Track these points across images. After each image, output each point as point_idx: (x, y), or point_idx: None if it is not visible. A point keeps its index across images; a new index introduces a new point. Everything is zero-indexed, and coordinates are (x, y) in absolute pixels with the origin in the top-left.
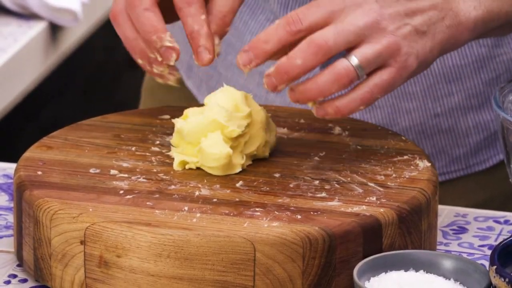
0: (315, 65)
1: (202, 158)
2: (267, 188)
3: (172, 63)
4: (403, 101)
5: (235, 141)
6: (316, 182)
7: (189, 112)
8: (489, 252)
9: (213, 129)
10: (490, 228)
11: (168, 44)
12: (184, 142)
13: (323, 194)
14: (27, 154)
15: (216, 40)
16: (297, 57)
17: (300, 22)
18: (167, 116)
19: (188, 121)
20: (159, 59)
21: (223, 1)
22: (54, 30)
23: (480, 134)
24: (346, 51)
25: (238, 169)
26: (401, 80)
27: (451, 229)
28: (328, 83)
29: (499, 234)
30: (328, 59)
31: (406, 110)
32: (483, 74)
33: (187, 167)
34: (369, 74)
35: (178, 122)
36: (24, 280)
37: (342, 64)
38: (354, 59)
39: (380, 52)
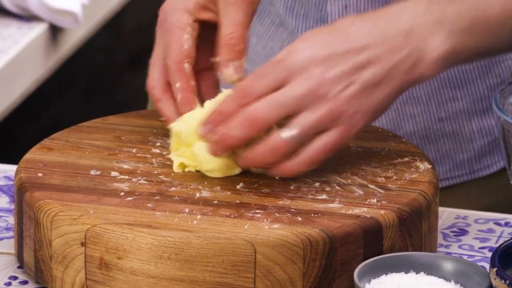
0: (252, 136)
1: (196, 161)
2: (268, 190)
3: None
4: (407, 106)
5: None
6: (317, 184)
7: (186, 114)
8: (489, 254)
9: None
10: (490, 230)
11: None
12: (183, 144)
13: (324, 196)
14: (28, 156)
15: (231, 70)
16: (234, 129)
17: (249, 95)
18: None
19: (184, 123)
20: None
21: (225, 22)
22: (55, 31)
23: (485, 139)
24: (287, 118)
25: (238, 171)
26: (349, 138)
27: (451, 231)
28: (266, 154)
29: (499, 236)
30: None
31: (411, 114)
32: (488, 79)
33: (186, 170)
34: (315, 135)
35: (175, 125)
36: (24, 282)
37: (278, 137)
38: (289, 131)
39: (319, 120)
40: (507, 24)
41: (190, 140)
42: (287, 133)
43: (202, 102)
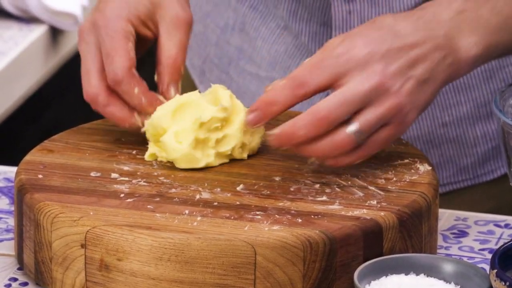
0: (318, 134)
1: (164, 150)
2: (268, 192)
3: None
4: None
5: (204, 134)
6: (317, 185)
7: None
8: (489, 256)
9: (182, 115)
10: (490, 232)
11: (141, 125)
12: (157, 134)
13: (324, 198)
14: (28, 157)
15: (172, 92)
16: (301, 127)
17: (306, 85)
18: None
19: (158, 109)
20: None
21: (168, 44)
22: (55, 33)
23: (488, 144)
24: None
25: (202, 164)
26: (400, 134)
27: (451, 233)
28: (327, 150)
29: (499, 238)
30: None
31: None
32: (492, 84)
33: (158, 159)
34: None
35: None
36: (24, 284)
37: (342, 134)
38: (355, 127)
39: (383, 115)
40: None
41: (160, 131)
42: (353, 129)
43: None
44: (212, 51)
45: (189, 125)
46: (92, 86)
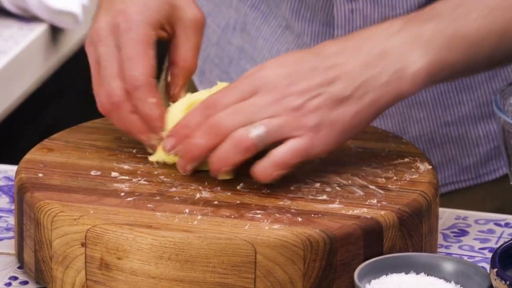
0: (216, 143)
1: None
2: (268, 191)
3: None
4: (413, 110)
5: None
6: (317, 184)
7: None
8: (489, 255)
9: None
10: (490, 231)
11: (154, 142)
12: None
13: (324, 197)
14: (28, 156)
15: (183, 95)
16: (197, 137)
17: (215, 106)
18: None
19: (171, 107)
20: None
21: (186, 46)
22: (55, 32)
23: (490, 144)
24: None
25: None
26: (316, 148)
27: (451, 232)
28: (228, 151)
29: (499, 237)
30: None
31: (416, 119)
32: (494, 83)
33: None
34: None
35: None
36: (25, 282)
37: (239, 132)
38: (254, 128)
39: (283, 124)
40: (486, 41)
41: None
42: (252, 129)
43: None
44: (212, 51)
45: None
46: (118, 90)
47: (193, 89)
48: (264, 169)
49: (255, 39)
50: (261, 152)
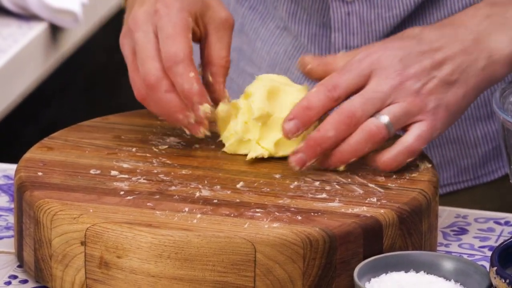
0: (347, 135)
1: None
2: (268, 189)
3: (201, 136)
4: None
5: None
6: (317, 183)
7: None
8: (489, 253)
9: (275, 99)
10: (490, 229)
11: (192, 121)
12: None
13: (324, 195)
14: (28, 155)
15: (227, 92)
16: (329, 129)
17: (338, 87)
18: None
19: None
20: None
21: (219, 45)
22: (54, 31)
23: (489, 145)
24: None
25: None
26: (437, 131)
27: (451, 230)
28: (361, 142)
29: (499, 235)
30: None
31: None
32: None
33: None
34: (404, 129)
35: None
36: (24, 281)
37: (372, 123)
38: (383, 117)
39: (407, 109)
40: None
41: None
42: (382, 118)
43: None
44: None
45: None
46: (155, 70)
47: None
48: (395, 158)
49: (253, 41)
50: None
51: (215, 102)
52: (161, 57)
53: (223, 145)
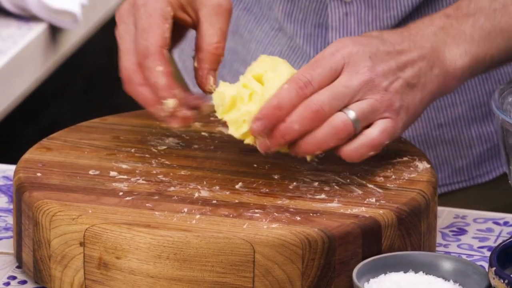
0: (312, 129)
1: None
2: (267, 190)
3: (176, 126)
4: None
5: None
6: (316, 183)
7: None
8: (488, 254)
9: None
10: (489, 230)
11: (163, 114)
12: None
13: (323, 196)
14: (27, 155)
15: (211, 80)
16: (295, 122)
17: (310, 84)
18: None
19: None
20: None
21: (210, 31)
22: (54, 32)
23: (484, 146)
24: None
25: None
26: (398, 130)
27: (450, 231)
28: (326, 137)
29: (498, 236)
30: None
31: None
32: (487, 85)
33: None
34: (368, 126)
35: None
36: (23, 282)
37: (339, 118)
38: (351, 113)
39: (375, 106)
40: None
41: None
42: (349, 114)
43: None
44: None
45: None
46: (129, 63)
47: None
48: (357, 149)
49: (247, 42)
50: None
51: (202, 89)
52: (135, 49)
53: (224, 145)
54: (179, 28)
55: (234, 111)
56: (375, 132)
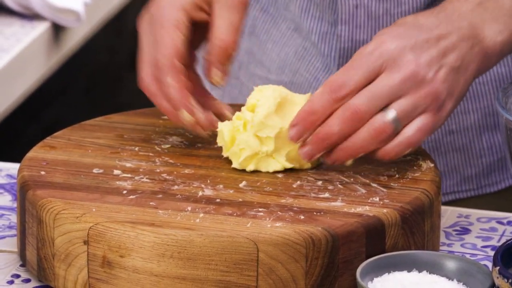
0: (353, 130)
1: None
2: (270, 189)
3: (204, 135)
4: None
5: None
6: (319, 182)
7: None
8: (492, 253)
9: (285, 112)
10: (493, 229)
11: (186, 122)
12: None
13: (326, 195)
14: (30, 154)
15: (214, 73)
16: (335, 124)
17: (344, 87)
18: None
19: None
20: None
21: (219, 24)
22: (57, 30)
23: (494, 156)
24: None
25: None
26: (438, 123)
27: (454, 230)
28: (367, 140)
29: (502, 235)
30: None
31: None
32: None
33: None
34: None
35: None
36: (27, 280)
37: (379, 120)
38: (391, 113)
39: (419, 102)
40: None
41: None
42: (390, 115)
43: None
44: None
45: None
46: (146, 75)
47: None
48: (394, 148)
49: (263, 43)
50: None
51: (208, 81)
52: (153, 60)
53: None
54: (201, 27)
55: (234, 145)
56: (412, 131)
